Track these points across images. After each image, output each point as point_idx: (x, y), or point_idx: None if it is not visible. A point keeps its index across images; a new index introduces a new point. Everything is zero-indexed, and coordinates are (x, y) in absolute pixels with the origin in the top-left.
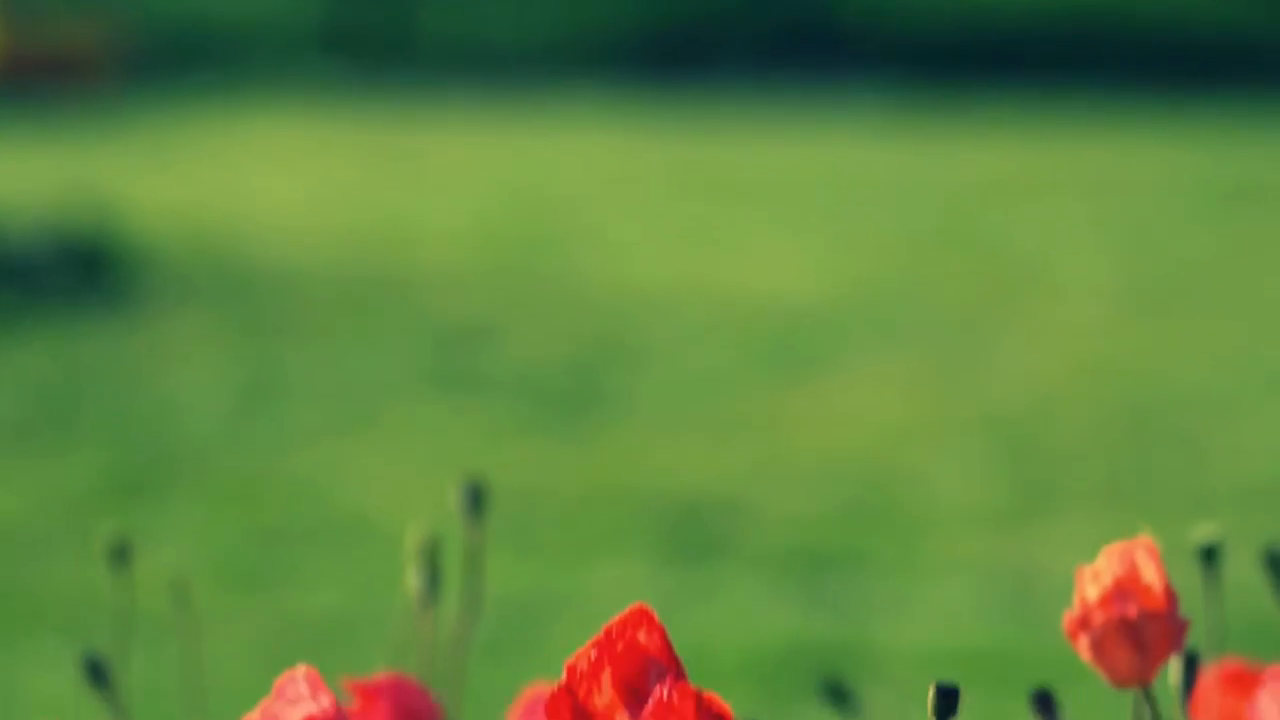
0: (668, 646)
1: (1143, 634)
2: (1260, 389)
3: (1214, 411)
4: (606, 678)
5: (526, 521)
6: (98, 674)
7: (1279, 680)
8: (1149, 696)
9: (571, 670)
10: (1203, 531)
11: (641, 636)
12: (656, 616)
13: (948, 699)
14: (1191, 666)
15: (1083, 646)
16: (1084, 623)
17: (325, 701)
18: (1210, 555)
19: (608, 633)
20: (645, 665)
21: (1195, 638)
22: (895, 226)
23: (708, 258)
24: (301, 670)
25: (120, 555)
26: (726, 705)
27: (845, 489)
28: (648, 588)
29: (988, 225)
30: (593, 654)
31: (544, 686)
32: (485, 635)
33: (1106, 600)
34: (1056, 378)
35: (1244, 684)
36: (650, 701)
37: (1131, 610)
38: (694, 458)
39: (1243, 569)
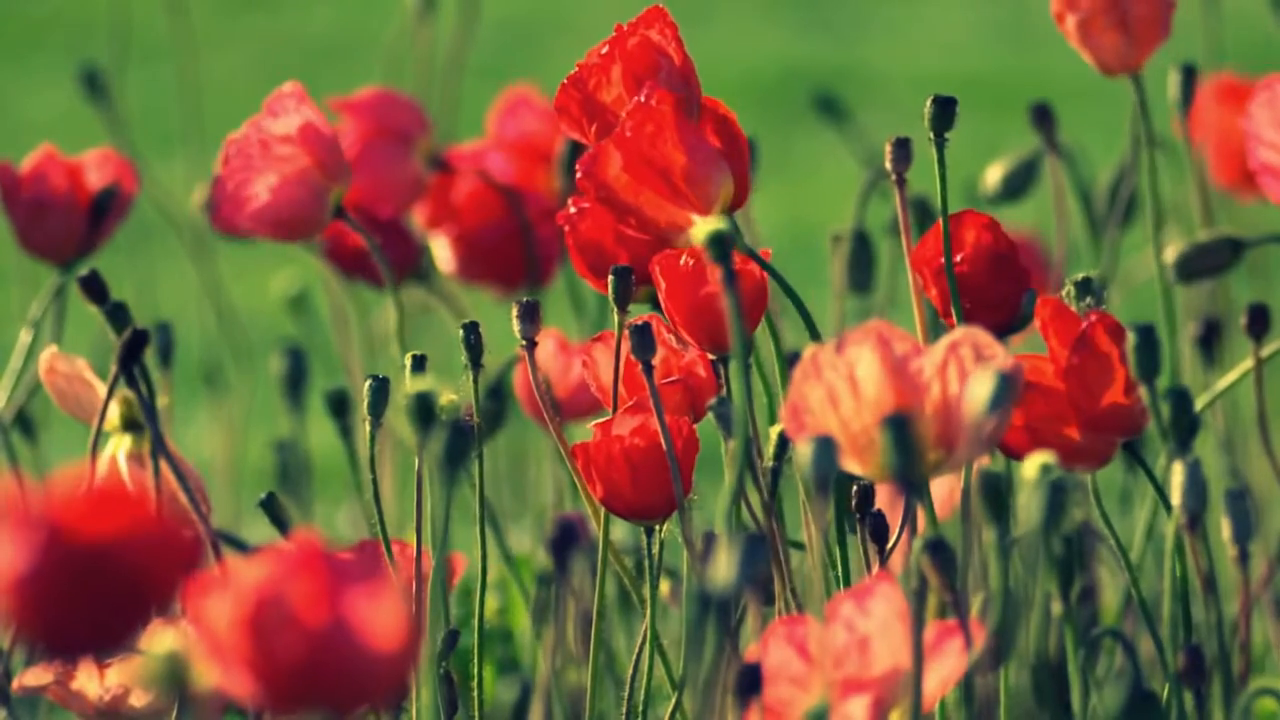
0: (680, 47)
1: (1129, 14)
2: None
3: None
4: (616, 72)
5: None
6: (95, 86)
7: (1270, 87)
8: (1144, 107)
9: (582, 65)
10: None
11: (655, 35)
12: (671, 17)
13: (944, 109)
14: (1189, 79)
15: (1070, 29)
16: (1071, 2)
17: (310, 114)
18: None
19: (620, 29)
20: (656, 63)
21: (1192, 54)
22: None
23: None
24: (289, 86)
25: None
26: (729, 110)
27: None
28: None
29: None
30: (604, 48)
31: (526, 89)
32: (480, 57)
33: None
34: None
35: (1241, 97)
36: (629, 102)
37: None
38: None
39: None
